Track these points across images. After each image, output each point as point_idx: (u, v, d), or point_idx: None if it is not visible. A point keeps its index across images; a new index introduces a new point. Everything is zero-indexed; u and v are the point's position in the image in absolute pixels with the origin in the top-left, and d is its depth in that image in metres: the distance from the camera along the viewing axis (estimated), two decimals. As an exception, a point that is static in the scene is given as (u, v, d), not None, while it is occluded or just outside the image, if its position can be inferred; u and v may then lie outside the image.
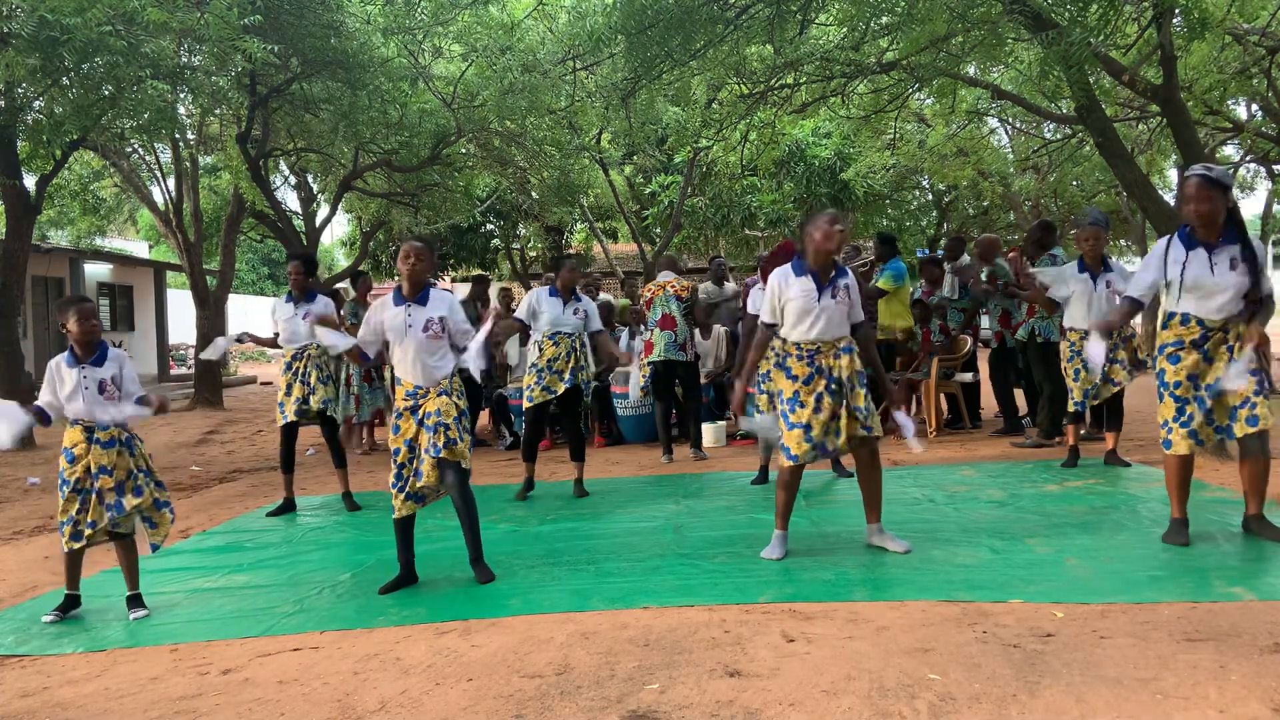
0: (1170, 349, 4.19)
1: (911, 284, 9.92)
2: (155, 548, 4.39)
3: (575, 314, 6.33)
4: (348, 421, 9.39)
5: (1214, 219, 4.07)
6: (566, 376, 6.22)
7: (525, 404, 6.39)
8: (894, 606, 3.64)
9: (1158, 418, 4.29)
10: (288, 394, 6.32)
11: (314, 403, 6.28)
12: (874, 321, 7.98)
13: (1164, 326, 4.25)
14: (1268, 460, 4.25)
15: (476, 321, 6.33)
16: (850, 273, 4.51)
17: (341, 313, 9.26)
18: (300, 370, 6.32)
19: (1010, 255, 8.69)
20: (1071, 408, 6.31)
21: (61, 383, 4.22)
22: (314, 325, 5.99)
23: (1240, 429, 4.09)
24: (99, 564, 5.11)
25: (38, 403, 4.28)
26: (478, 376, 4.55)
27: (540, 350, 6.34)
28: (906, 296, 8.53)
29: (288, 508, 6.44)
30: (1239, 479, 5.53)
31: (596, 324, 6.46)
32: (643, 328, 8.15)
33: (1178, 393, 4.16)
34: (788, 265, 4.50)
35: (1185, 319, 4.15)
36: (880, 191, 16.27)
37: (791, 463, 4.38)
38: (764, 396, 4.65)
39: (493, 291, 11.31)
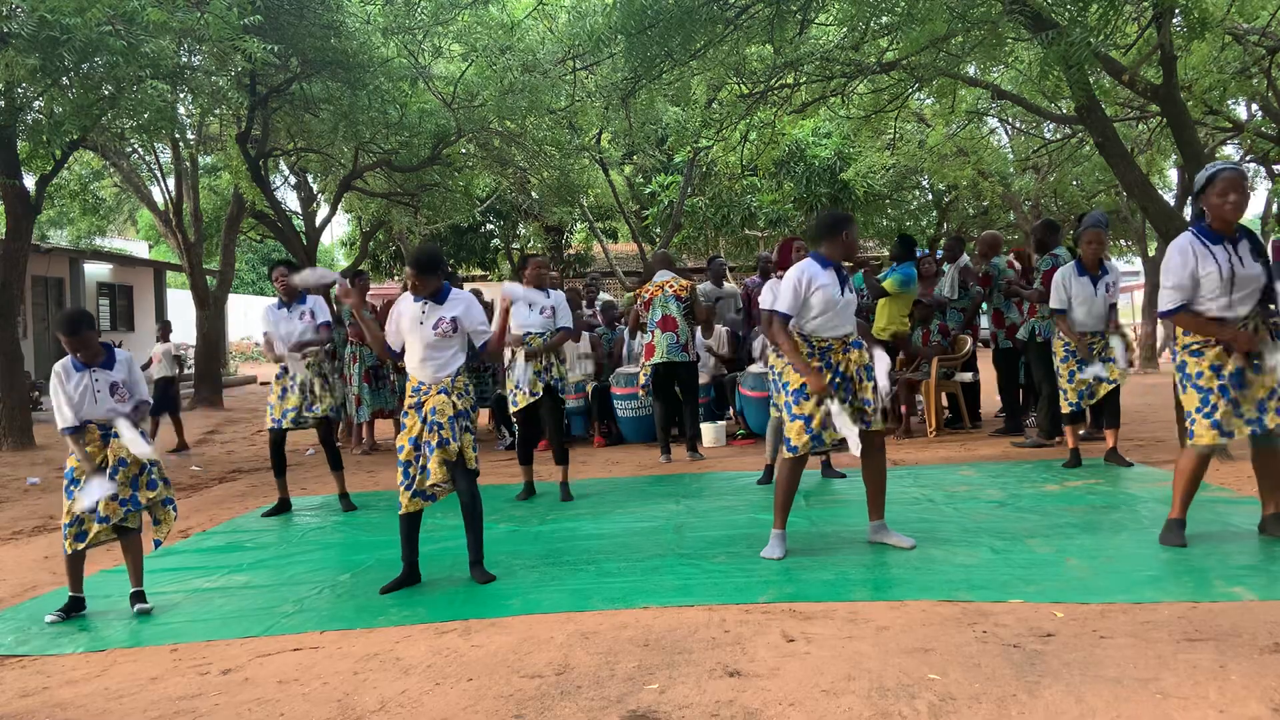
0: (1195, 345, 4.16)
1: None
2: (157, 544, 4.45)
3: (542, 313, 6.31)
4: (347, 420, 9.38)
5: (1243, 213, 4.10)
6: (541, 377, 6.21)
7: (511, 409, 6.41)
8: (894, 606, 3.63)
9: (1185, 416, 4.23)
10: (281, 399, 6.24)
11: (320, 410, 6.21)
12: (869, 321, 7.99)
13: (1187, 330, 4.20)
14: None
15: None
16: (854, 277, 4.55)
17: (334, 308, 9.25)
18: (299, 377, 6.20)
19: (1011, 256, 8.69)
20: (1066, 409, 6.32)
21: (72, 387, 4.22)
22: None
23: (1271, 419, 4.01)
24: (99, 564, 5.11)
25: (63, 426, 4.24)
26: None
27: (513, 354, 6.33)
28: (909, 303, 8.48)
29: (283, 508, 6.43)
30: (1237, 478, 5.54)
31: (563, 320, 6.42)
32: (640, 331, 8.10)
33: (1200, 383, 4.11)
34: (810, 259, 4.49)
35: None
36: (880, 191, 16.29)
37: (791, 454, 4.40)
38: (781, 394, 4.62)
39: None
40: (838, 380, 4.36)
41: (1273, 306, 4.12)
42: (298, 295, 6.36)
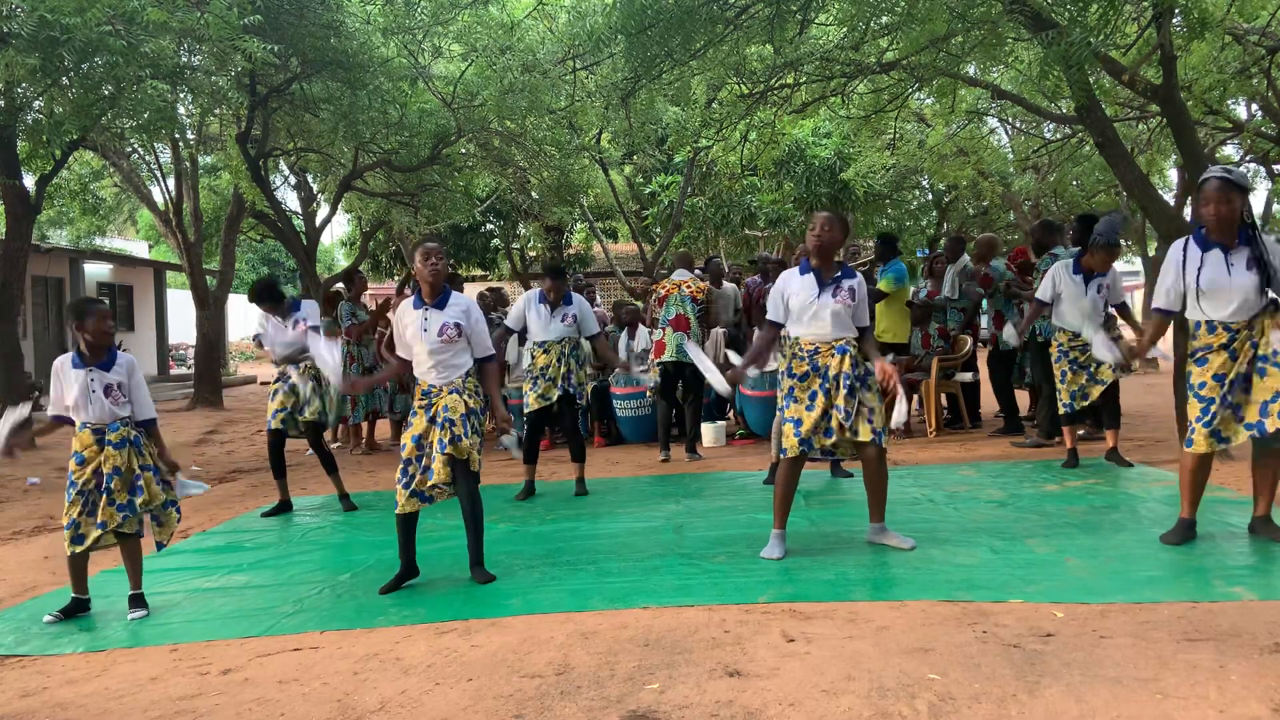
0: (1200, 353, 4.16)
1: (913, 284, 9.89)
2: (160, 546, 4.44)
3: (563, 321, 6.36)
4: (344, 421, 9.40)
5: (1231, 221, 4.03)
6: (559, 384, 6.28)
7: (524, 410, 6.46)
8: (894, 606, 3.64)
9: (1188, 425, 4.24)
10: (273, 399, 6.32)
11: (308, 414, 6.25)
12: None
13: (1193, 335, 4.21)
14: None
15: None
16: (859, 275, 4.56)
17: (336, 313, 9.25)
18: (291, 379, 6.28)
19: (1012, 257, 8.69)
20: (1061, 410, 6.31)
21: (68, 385, 4.22)
22: (306, 334, 6.06)
23: (1273, 424, 3.97)
24: (99, 564, 5.10)
25: (51, 413, 4.30)
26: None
27: (533, 358, 6.43)
28: (904, 305, 8.48)
29: (283, 509, 6.44)
30: (1237, 478, 5.54)
31: (592, 327, 6.46)
32: (652, 329, 8.08)
33: (1203, 393, 4.12)
34: (797, 266, 4.62)
35: (1211, 327, 4.12)
36: (880, 191, 16.25)
37: (781, 456, 4.47)
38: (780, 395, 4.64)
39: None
40: (826, 385, 4.38)
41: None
42: (293, 304, 6.42)
